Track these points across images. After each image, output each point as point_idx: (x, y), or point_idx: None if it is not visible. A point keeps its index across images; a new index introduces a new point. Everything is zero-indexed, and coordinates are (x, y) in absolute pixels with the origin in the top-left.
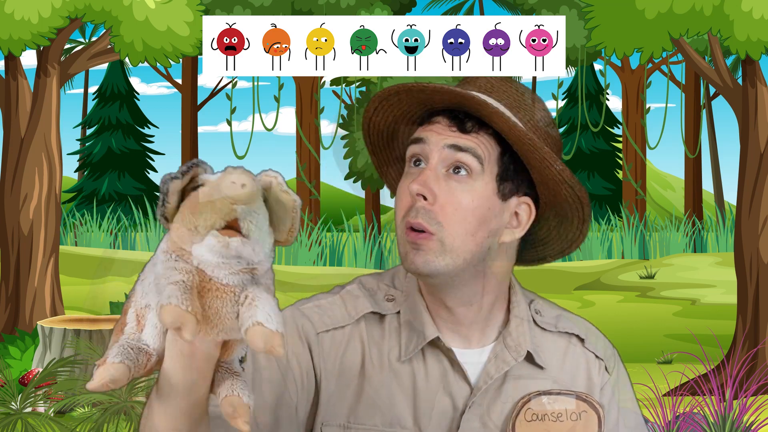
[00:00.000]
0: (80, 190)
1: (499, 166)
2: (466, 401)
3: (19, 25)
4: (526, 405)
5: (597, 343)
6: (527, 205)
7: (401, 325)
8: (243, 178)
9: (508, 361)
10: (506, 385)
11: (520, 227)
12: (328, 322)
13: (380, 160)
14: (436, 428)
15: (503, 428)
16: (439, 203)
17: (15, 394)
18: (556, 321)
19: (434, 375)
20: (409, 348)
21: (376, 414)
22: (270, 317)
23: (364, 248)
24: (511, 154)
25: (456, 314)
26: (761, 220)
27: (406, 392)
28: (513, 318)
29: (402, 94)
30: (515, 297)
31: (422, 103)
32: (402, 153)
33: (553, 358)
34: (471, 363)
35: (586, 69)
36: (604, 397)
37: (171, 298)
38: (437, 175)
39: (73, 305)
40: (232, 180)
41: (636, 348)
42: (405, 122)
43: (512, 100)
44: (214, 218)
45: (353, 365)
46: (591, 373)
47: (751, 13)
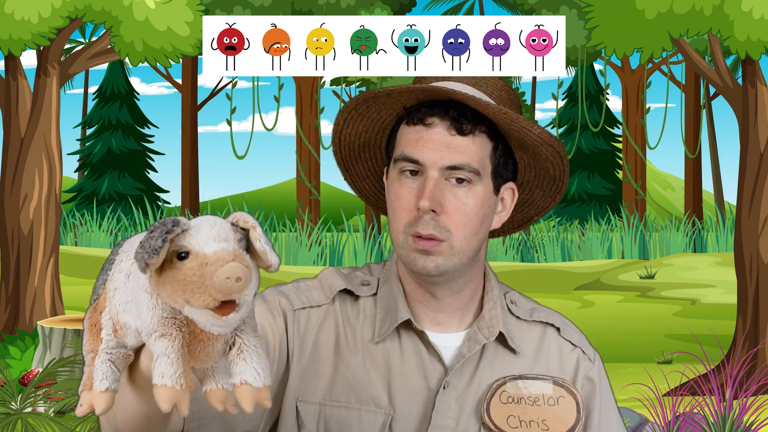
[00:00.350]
0: (80, 190)
1: (493, 162)
2: (440, 381)
3: (19, 25)
4: (501, 387)
5: (574, 334)
6: (510, 189)
7: (377, 308)
8: (237, 272)
9: (479, 341)
10: (481, 367)
11: (505, 210)
12: (305, 300)
13: (353, 175)
14: (411, 408)
15: (478, 409)
16: (446, 212)
17: (15, 394)
18: (531, 311)
19: (409, 356)
20: (383, 329)
21: (351, 392)
22: (258, 375)
23: (364, 248)
24: (503, 144)
25: (442, 302)
26: (761, 220)
27: (380, 372)
28: (486, 302)
29: (369, 102)
30: (489, 283)
31: (391, 107)
32: (375, 164)
33: (528, 345)
34: (447, 347)
35: (586, 69)
36: (586, 385)
37: (165, 378)
38: (441, 187)
39: (73, 305)
40: (227, 276)
41: (636, 348)
42: (376, 130)
43: (469, 79)
44: (208, 300)
45: (328, 344)
46: (568, 361)
47: (751, 13)
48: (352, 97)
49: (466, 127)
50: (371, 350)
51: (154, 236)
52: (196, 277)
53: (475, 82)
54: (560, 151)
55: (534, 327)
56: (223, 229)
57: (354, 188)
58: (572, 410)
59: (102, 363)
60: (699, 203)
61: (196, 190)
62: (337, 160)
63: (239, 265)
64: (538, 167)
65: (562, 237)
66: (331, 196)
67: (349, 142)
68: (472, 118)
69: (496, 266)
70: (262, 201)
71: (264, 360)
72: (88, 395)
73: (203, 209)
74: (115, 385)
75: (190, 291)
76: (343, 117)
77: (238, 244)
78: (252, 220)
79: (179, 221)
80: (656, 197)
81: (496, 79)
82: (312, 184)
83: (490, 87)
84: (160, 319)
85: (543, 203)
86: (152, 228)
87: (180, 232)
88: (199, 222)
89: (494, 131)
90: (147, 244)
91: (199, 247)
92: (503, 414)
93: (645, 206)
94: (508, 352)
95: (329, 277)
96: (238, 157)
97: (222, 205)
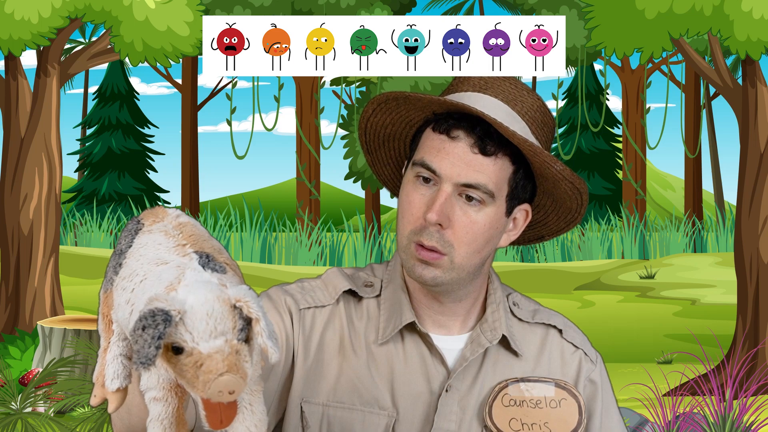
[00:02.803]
0: (80, 190)
1: (510, 186)
2: (442, 384)
3: (19, 25)
4: (503, 390)
5: (576, 336)
6: (525, 210)
7: (380, 309)
8: (229, 387)
9: (482, 344)
10: (484, 370)
11: (515, 230)
12: (310, 300)
13: (374, 159)
14: (414, 410)
15: (480, 412)
16: (453, 228)
17: (15, 394)
18: (533, 313)
19: (412, 358)
20: (387, 331)
21: (355, 394)
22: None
23: (364, 248)
24: (524, 168)
25: (445, 306)
26: (761, 220)
27: (384, 374)
28: (489, 305)
29: (401, 100)
30: (492, 285)
31: (421, 110)
32: (397, 154)
33: (530, 347)
34: (450, 349)
35: (586, 69)
36: (588, 387)
37: None
38: (452, 202)
39: (73, 305)
40: (219, 390)
41: (636, 348)
42: (403, 126)
43: (507, 93)
44: (203, 395)
45: (333, 345)
46: (570, 363)
47: (751, 13)
48: (386, 92)
49: (490, 148)
50: (375, 352)
51: (146, 339)
52: (191, 374)
53: (513, 99)
54: (580, 188)
55: (536, 329)
56: (221, 318)
57: (374, 171)
58: (574, 412)
59: (114, 359)
60: (699, 203)
61: (196, 190)
62: (360, 143)
63: (232, 378)
64: (556, 197)
65: (562, 237)
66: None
67: (375, 131)
68: (497, 139)
69: (496, 266)
70: (262, 201)
71: (258, 414)
72: (101, 390)
73: (203, 209)
74: (126, 381)
75: (185, 381)
76: (372, 107)
77: (237, 335)
78: (256, 309)
79: (170, 317)
80: (656, 197)
81: (534, 99)
82: (312, 184)
83: (525, 107)
84: (158, 381)
85: (556, 227)
86: (143, 322)
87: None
88: (195, 305)
89: (518, 155)
90: (140, 348)
91: (194, 342)
92: (505, 417)
93: (645, 206)
94: (511, 355)
95: (333, 277)
96: (238, 157)
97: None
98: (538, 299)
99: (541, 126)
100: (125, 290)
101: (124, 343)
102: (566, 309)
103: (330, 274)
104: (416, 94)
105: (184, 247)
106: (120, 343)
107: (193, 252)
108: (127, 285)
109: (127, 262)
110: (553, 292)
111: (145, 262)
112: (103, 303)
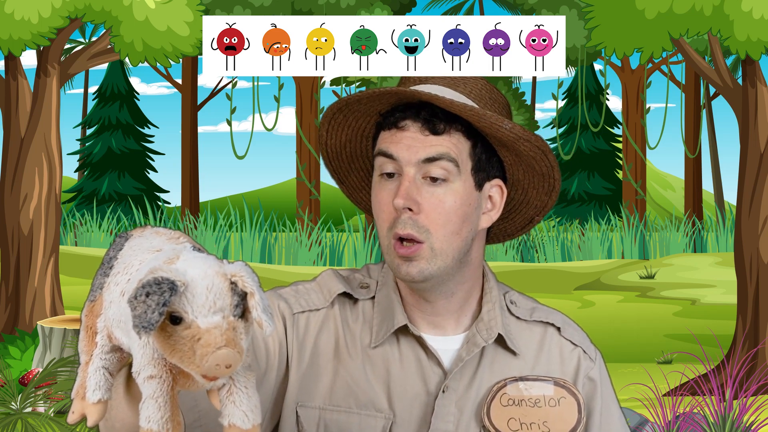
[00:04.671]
0: (80, 190)
1: (473, 159)
2: (439, 385)
3: (19, 25)
4: (501, 390)
5: (575, 333)
6: (498, 186)
7: (375, 312)
8: (227, 360)
9: (478, 343)
10: (481, 370)
11: (495, 209)
12: (304, 304)
13: (348, 187)
14: (411, 412)
15: (478, 413)
16: (424, 211)
17: (15, 394)
18: (531, 311)
19: (408, 360)
20: (380, 334)
21: (351, 397)
22: (246, 417)
23: (364, 248)
24: (482, 143)
25: (436, 306)
26: (761, 220)
27: (380, 377)
28: (485, 304)
29: (344, 109)
30: (488, 284)
31: (367, 114)
32: (365, 175)
33: (528, 346)
34: (445, 350)
35: (586, 69)
36: (587, 385)
37: (151, 423)
38: (417, 185)
39: (73, 305)
40: (216, 364)
41: (636, 348)
42: (359, 139)
43: (447, 81)
44: (197, 371)
45: (328, 348)
46: (569, 361)
47: (751, 13)
48: (327, 108)
49: (440, 126)
50: (370, 355)
51: (150, 305)
52: (187, 347)
53: (454, 83)
54: (540, 146)
55: (534, 327)
56: (219, 294)
57: (352, 200)
58: (573, 411)
59: (95, 371)
60: (699, 203)
61: (196, 190)
62: (330, 172)
63: (230, 352)
64: (524, 165)
65: (562, 237)
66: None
67: (336, 154)
68: (444, 117)
69: (496, 266)
70: (262, 201)
71: (254, 399)
72: (81, 404)
73: (203, 209)
74: (108, 394)
75: (179, 356)
76: (324, 128)
77: (233, 311)
78: (251, 283)
79: (176, 286)
80: (656, 197)
81: (476, 79)
82: (312, 184)
83: (468, 87)
84: (151, 359)
85: (539, 202)
86: (147, 289)
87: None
88: (196, 278)
89: (471, 130)
90: (142, 312)
91: (193, 315)
92: (504, 417)
93: (645, 206)
94: (509, 354)
95: (328, 280)
96: (238, 157)
97: (222, 205)
98: (538, 299)
99: (491, 103)
100: (118, 285)
101: (108, 356)
102: (566, 309)
103: (325, 276)
104: (355, 95)
105: (178, 239)
106: (103, 356)
107: (186, 242)
108: (120, 279)
109: (120, 260)
110: (553, 292)
111: (140, 252)
112: (87, 315)
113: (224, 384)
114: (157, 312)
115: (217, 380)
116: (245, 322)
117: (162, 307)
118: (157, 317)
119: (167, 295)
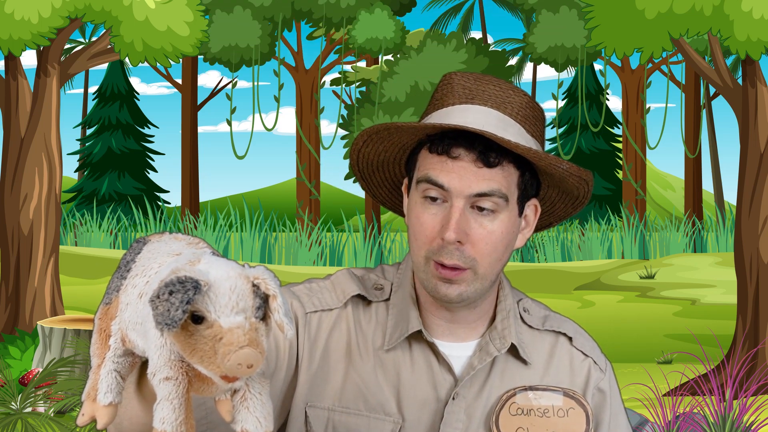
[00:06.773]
0: (80, 190)
1: (519, 189)
2: (449, 392)
3: (19, 25)
4: (511, 399)
5: (586, 343)
6: (534, 206)
7: (389, 314)
8: (249, 360)
9: (491, 352)
10: (491, 378)
11: (528, 227)
12: (317, 303)
13: (369, 183)
14: (420, 417)
15: (487, 421)
16: (471, 242)
17: (15, 394)
18: (543, 320)
19: (419, 365)
20: (393, 338)
21: (361, 399)
22: (259, 424)
23: (364, 248)
24: (530, 170)
25: (456, 315)
26: (761, 220)
27: (390, 380)
28: (499, 312)
29: (392, 130)
30: (503, 292)
31: (414, 134)
32: (392, 176)
33: (540, 355)
34: (458, 356)
35: (586, 69)
36: (596, 396)
37: (165, 425)
38: (466, 216)
39: (73, 305)
40: (238, 363)
41: (636, 348)
42: (396, 150)
43: (494, 98)
44: (217, 371)
45: (339, 349)
46: (579, 372)
47: (751, 13)
48: (375, 124)
49: (494, 160)
50: (382, 358)
51: (174, 303)
52: (208, 347)
53: (502, 103)
54: (587, 179)
55: (546, 336)
56: (242, 295)
57: (371, 194)
58: (582, 422)
59: (108, 374)
60: (699, 203)
61: (196, 190)
62: (354, 172)
63: (252, 352)
64: (562, 188)
65: (562, 237)
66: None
67: (368, 160)
68: (498, 149)
69: None
70: (262, 201)
71: (268, 406)
72: (91, 406)
73: (203, 209)
74: (119, 398)
75: (199, 356)
76: (362, 139)
77: (255, 313)
78: (274, 286)
79: (199, 285)
80: (656, 197)
81: (520, 97)
82: (312, 184)
83: (515, 107)
84: (167, 361)
85: (563, 213)
86: (171, 287)
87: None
88: (219, 279)
89: (521, 158)
90: (165, 310)
91: (216, 315)
92: (512, 426)
93: (645, 206)
94: (519, 363)
95: (343, 280)
96: (238, 157)
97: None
98: (538, 299)
99: (533, 122)
100: (136, 287)
101: (120, 360)
102: (566, 309)
103: (339, 276)
104: (407, 123)
105: (198, 245)
106: (116, 359)
107: (206, 247)
108: (139, 281)
109: (138, 263)
110: (553, 292)
111: (159, 256)
112: (101, 318)
113: (238, 390)
114: (181, 309)
115: (236, 383)
116: (265, 325)
117: (186, 304)
118: (180, 315)
119: (191, 293)
